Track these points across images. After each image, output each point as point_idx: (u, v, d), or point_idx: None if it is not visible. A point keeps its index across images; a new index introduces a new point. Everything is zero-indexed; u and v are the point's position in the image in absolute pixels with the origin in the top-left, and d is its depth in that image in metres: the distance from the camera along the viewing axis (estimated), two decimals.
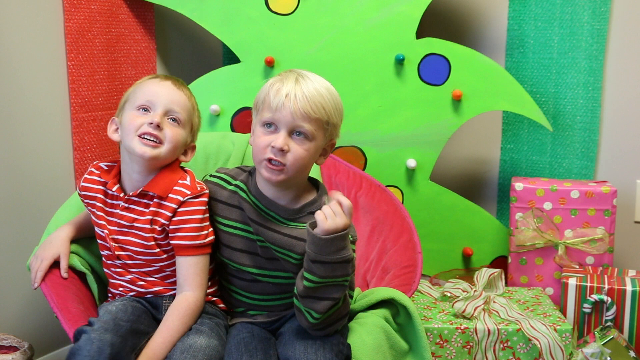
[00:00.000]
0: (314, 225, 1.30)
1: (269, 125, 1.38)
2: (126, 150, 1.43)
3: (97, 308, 1.49)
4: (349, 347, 1.35)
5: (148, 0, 2.12)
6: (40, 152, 1.87)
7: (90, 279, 1.54)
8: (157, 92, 1.43)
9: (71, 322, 1.37)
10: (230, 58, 2.33)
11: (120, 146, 1.47)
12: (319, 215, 1.28)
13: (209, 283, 1.49)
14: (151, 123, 1.39)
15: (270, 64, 2.08)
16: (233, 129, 2.11)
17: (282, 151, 1.35)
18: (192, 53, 2.42)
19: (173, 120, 1.43)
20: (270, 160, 1.36)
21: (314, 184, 1.50)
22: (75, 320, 1.37)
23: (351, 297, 1.42)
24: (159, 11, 2.25)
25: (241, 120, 2.11)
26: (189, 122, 1.47)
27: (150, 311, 1.45)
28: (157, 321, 1.42)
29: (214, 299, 1.51)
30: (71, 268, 1.52)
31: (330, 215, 1.28)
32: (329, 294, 1.30)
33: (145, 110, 1.42)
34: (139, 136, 1.40)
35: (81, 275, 1.54)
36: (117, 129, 1.47)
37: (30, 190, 1.85)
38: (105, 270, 1.52)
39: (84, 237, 1.56)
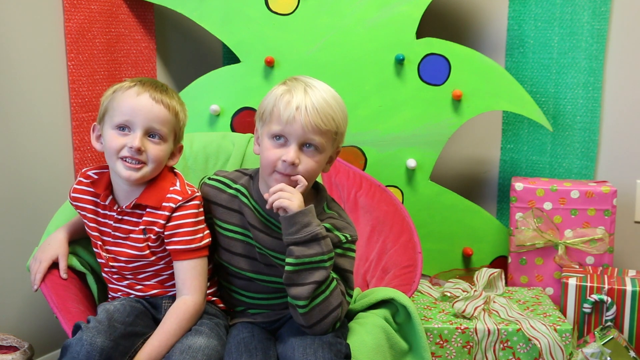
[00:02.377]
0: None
1: (279, 137, 1.36)
2: (112, 170, 1.42)
3: (97, 308, 1.49)
4: (348, 347, 1.35)
5: (148, 0, 2.12)
6: (40, 152, 1.87)
7: (90, 279, 1.54)
8: (134, 110, 1.37)
9: (71, 322, 1.37)
10: (230, 58, 2.33)
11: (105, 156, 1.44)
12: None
13: (208, 283, 1.48)
14: (131, 147, 1.36)
15: (270, 64, 2.08)
16: (233, 129, 2.11)
17: (294, 165, 1.35)
18: (192, 53, 2.42)
19: (154, 136, 1.40)
20: (281, 173, 1.36)
21: (314, 187, 1.49)
22: (75, 321, 1.37)
23: (350, 295, 1.42)
24: (159, 11, 2.25)
25: (241, 120, 2.11)
26: (171, 133, 1.43)
27: (150, 311, 1.45)
28: (157, 321, 1.41)
29: (214, 298, 1.51)
30: (71, 268, 1.52)
31: (283, 196, 1.33)
32: (310, 278, 1.30)
33: (124, 130, 1.38)
34: (121, 158, 1.38)
35: (81, 275, 1.54)
36: (100, 136, 1.43)
37: (30, 190, 1.85)
38: (103, 274, 1.52)
39: (83, 237, 1.56)
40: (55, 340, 1.92)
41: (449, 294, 1.93)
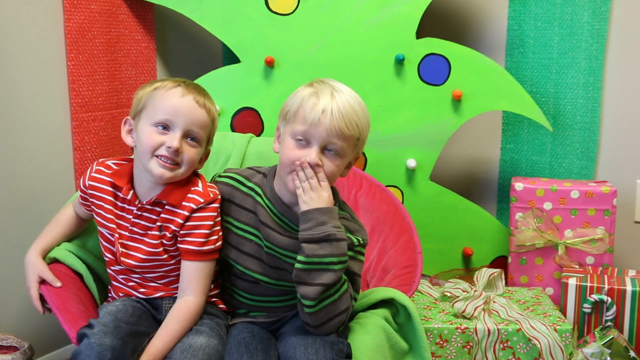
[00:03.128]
0: None
1: (301, 138, 1.36)
2: (142, 166, 1.40)
3: (97, 308, 1.49)
4: (348, 346, 1.35)
5: (148, 0, 2.12)
6: (40, 152, 1.87)
7: (89, 279, 1.54)
8: (178, 110, 1.37)
9: (71, 322, 1.37)
10: (230, 58, 2.33)
11: (134, 151, 1.43)
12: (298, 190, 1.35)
13: (212, 286, 1.48)
14: (170, 147, 1.35)
15: (270, 64, 2.08)
16: (233, 129, 2.11)
17: (315, 166, 1.35)
18: (192, 53, 2.42)
19: (192, 139, 1.39)
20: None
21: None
22: (75, 320, 1.37)
23: (355, 299, 1.42)
24: (159, 11, 2.25)
25: (241, 120, 2.11)
26: (206, 137, 1.43)
27: (150, 311, 1.45)
28: (157, 321, 1.41)
29: (214, 299, 1.51)
30: (70, 268, 1.52)
31: (307, 189, 1.34)
32: (318, 279, 1.30)
33: (163, 128, 1.37)
34: (157, 157, 1.36)
35: (81, 276, 1.54)
36: (131, 130, 1.42)
37: (30, 190, 1.85)
38: (109, 271, 1.50)
39: (56, 243, 1.54)
40: (55, 340, 1.92)
41: (449, 294, 1.93)
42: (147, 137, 1.37)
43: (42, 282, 1.46)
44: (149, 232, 1.42)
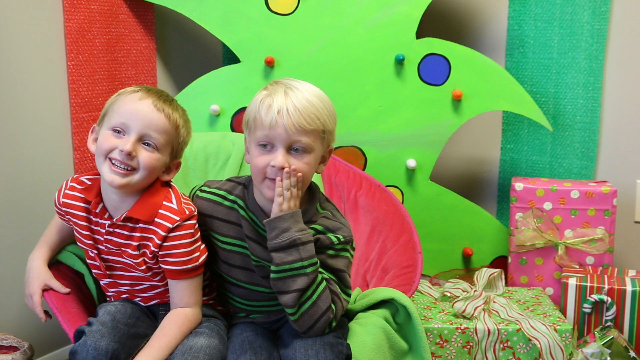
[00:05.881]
0: None
1: (265, 145, 1.34)
2: (99, 171, 1.36)
3: (97, 308, 1.49)
4: (348, 347, 1.35)
5: (148, 0, 2.12)
6: (40, 152, 1.87)
7: (89, 279, 1.53)
8: (133, 114, 1.32)
9: (71, 322, 1.37)
10: (230, 58, 2.33)
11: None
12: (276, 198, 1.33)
13: (207, 290, 1.47)
14: (122, 150, 1.30)
15: (270, 64, 2.08)
16: (233, 129, 2.11)
17: (283, 169, 1.32)
18: (192, 53, 2.42)
19: (148, 145, 1.34)
20: (272, 179, 1.33)
21: (308, 188, 1.44)
22: (75, 321, 1.37)
23: (348, 294, 1.41)
24: (159, 11, 2.25)
25: (241, 121, 2.10)
26: (168, 145, 1.37)
27: (149, 315, 1.44)
28: (156, 326, 1.40)
29: (211, 301, 1.50)
30: (70, 268, 1.52)
31: (287, 198, 1.32)
32: (293, 286, 1.30)
33: (118, 132, 1.32)
34: (110, 160, 1.32)
35: (81, 276, 1.54)
36: (97, 139, 1.37)
37: (30, 190, 1.85)
38: (102, 284, 1.49)
39: (58, 250, 1.54)
40: (55, 340, 1.92)
41: (449, 294, 1.93)
42: (103, 142, 1.33)
43: (45, 290, 1.45)
44: (123, 248, 1.39)
